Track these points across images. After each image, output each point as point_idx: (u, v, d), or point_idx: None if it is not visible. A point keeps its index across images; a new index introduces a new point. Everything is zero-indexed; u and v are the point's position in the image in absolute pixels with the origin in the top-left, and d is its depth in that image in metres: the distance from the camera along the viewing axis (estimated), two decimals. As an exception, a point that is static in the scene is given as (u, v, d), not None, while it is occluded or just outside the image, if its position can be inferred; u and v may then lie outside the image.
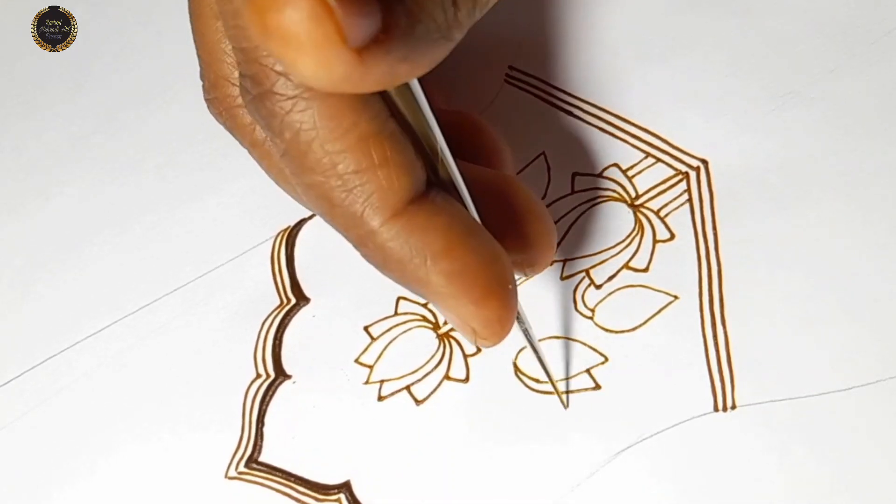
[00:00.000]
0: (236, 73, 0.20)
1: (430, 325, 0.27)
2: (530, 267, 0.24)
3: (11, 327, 0.29)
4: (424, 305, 0.27)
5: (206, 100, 0.22)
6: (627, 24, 0.30)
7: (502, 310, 0.20)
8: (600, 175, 0.28)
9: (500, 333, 0.21)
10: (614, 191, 0.28)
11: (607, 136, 0.29)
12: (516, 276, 0.22)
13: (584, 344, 0.26)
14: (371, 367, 0.27)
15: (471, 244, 0.20)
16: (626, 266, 0.27)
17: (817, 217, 0.26)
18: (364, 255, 0.20)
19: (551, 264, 0.27)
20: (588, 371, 0.26)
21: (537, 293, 0.27)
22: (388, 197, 0.19)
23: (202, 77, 0.22)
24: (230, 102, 0.22)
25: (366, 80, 0.14)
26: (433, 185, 0.20)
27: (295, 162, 0.19)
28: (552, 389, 0.25)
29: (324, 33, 0.13)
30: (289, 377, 0.27)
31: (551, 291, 0.27)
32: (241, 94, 0.19)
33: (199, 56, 0.22)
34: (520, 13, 0.31)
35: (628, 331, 0.26)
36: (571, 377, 0.26)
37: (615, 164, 0.28)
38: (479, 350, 0.27)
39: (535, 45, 0.30)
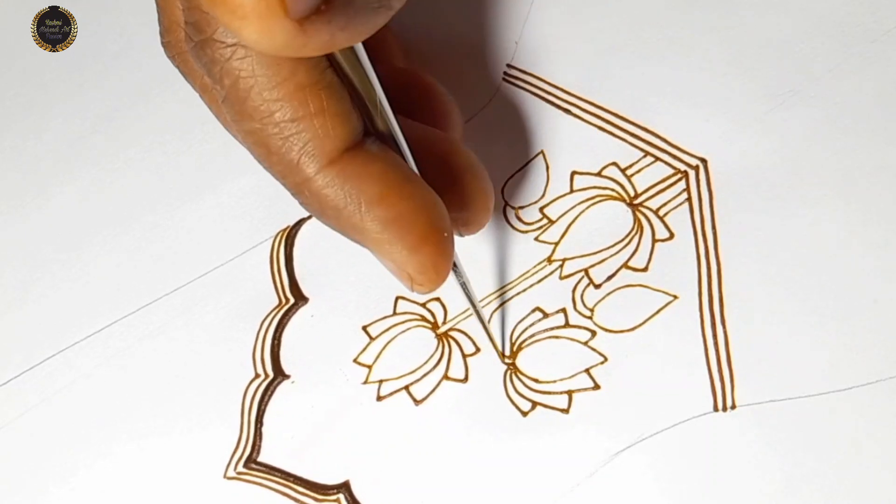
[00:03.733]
0: None
1: (429, 325, 0.27)
2: (465, 226, 0.24)
3: (11, 327, 0.29)
4: (423, 305, 0.27)
5: (162, 44, 0.23)
6: (626, 22, 0.30)
7: (437, 255, 0.21)
8: (599, 174, 0.28)
9: (435, 280, 0.21)
10: (613, 190, 0.28)
11: (606, 134, 0.29)
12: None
13: (584, 344, 0.26)
14: (370, 366, 0.27)
15: (406, 191, 0.20)
16: (626, 265, 0.27)
17: (817, 216, 0.26)
18: (302, 203, 0.20)
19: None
20: (587, 371, 0.26)
21: (536, 292, 0.27)
22: (323, 145, 0.19)
23: (159, 21, 0.23)
24: (182, 47, 0.22)
25: (307, 47, 0.14)
26: (370, 135, 0.20)
27: (234, 108, 0.19)
28: (551, 389, 0.25)
29: (266, 5, 0.13)
30: (287, 377, 0.27)
31: (550, 291, 0.27)
32: (186, 40, 0.19)
33: (155, 1, 0.22)
34: (517, 11, 0.31)
35: (628, 330, 0.26)
36: (571, 377, 0.26)
37: (614, 163, 0.28)
38: (477, 349, 0.26)
39: (533, 43, 0.30)
